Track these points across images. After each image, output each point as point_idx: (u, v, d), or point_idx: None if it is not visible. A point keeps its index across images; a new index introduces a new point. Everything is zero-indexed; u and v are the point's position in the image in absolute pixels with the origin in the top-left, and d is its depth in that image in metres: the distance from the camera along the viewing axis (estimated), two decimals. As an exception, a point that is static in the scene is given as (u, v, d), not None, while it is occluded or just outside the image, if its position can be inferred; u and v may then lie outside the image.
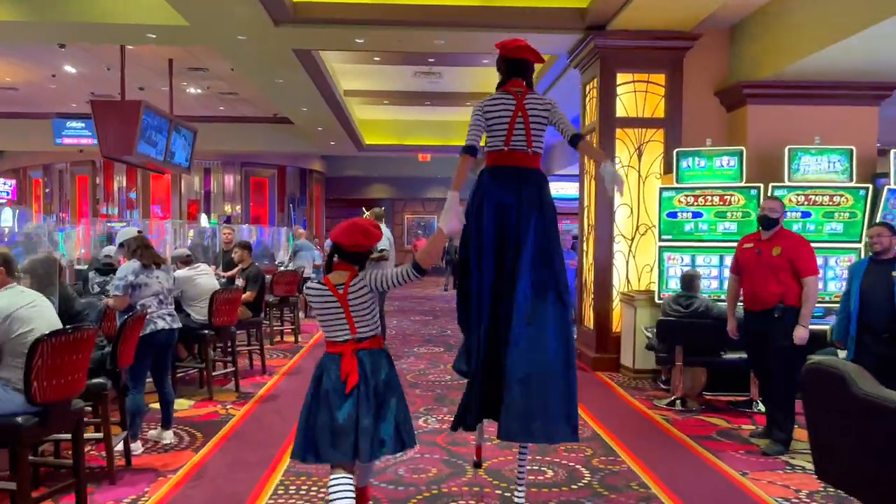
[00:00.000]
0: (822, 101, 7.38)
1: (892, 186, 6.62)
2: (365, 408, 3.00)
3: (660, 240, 7.14)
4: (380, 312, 3.29)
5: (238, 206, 19.42)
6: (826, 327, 6.09)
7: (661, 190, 7.13)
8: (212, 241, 9.61)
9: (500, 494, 4.05)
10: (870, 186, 6.70)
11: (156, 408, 5.18)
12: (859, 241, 6.65)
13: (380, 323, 3.22)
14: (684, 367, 6.16)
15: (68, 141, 15.95)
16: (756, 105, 7.46)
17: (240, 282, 7.49)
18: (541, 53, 3.66)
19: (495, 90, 3.53)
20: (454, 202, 3.23)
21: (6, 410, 3.29)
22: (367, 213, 7.33)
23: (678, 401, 6.19)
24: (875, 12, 5.56)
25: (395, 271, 3.09)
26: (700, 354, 6.11)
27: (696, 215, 7.01)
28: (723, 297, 6.11)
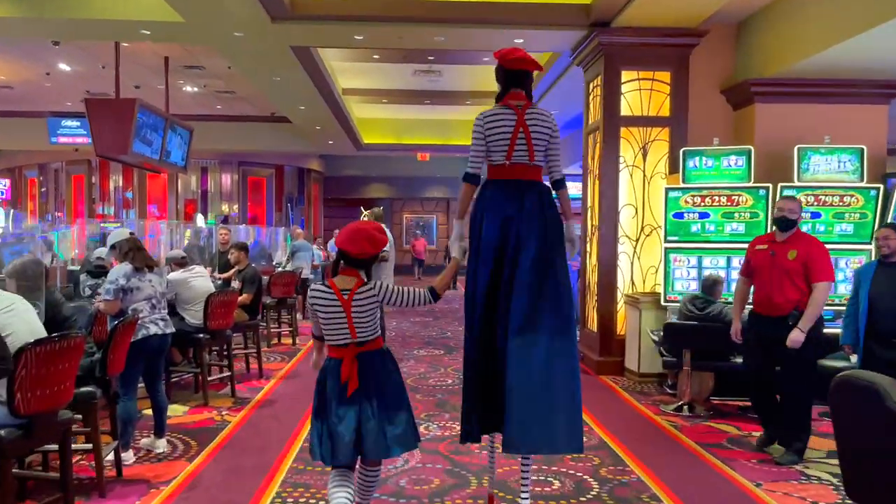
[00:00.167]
0: (831, 100, 7.23)
1: (904, 186, 6.49)
2: (369, 410, 3.04)
3: (665, 241, 6.99)
4: (380, 314, 3.31)
5: (235, 206, 19.26)
6: (839, 331, 5.93)
7: (667, 190, 6.98)
8: (208, 242, 9.43)
9: (506, 507, 3.91)
10: (881, 186, 6.56)
11: (149, 414, 5.02)
12: (870, 243, 6.50)
13: (380, 325, 3.23)
14: (692, 371, 6.02)
15: (63, 140, 15.83)
16: (764, 103, 7.31)
17: (236, 284, 7.33)
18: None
19: (495, 102, 3.51)
20: (462, 231, 3.43)
21: (-12, 422, 3.14)
22: (366, 213, 7.16)
23: (686, 406, 6.04)
24: (885, 9, 5.43)
25: (409, 292, 3.17)
26: (708, 358, 5.96)
27: (703, 216, 6.86)
28: (731, 300, 5.95)
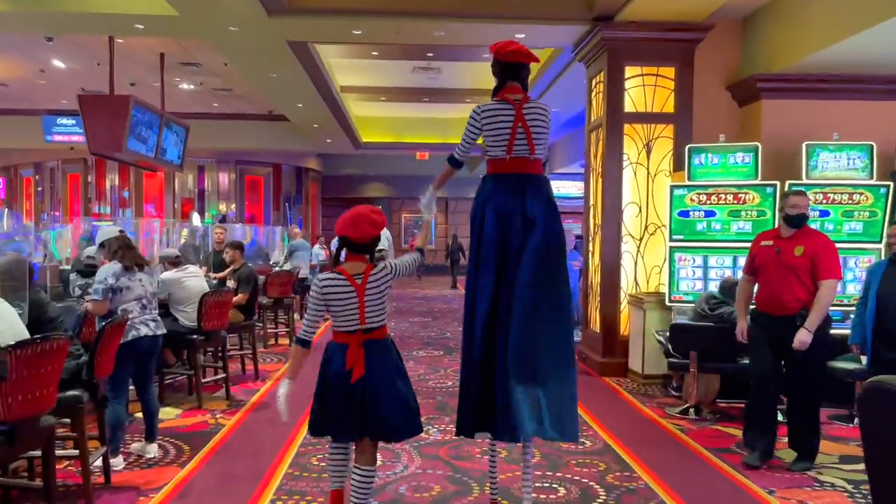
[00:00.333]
0: (839, 96, 7.08)
1: (914, 184, 6.34)
2: (372, 400, 3.06)
3: (670, 240, 6.84)
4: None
5: (233, 206, 19.09)
6: (848, 332, 5.79)
7: (672, 188, 6.82)
8: (203, 241, 9.28)
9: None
10: (890, 184, 6.41)
11: (141, 417, 4.85)
12: (880, 241, 6.36)
13: (386, 314, 3.30)
14: (698, 373, 5.87)
15: (59, 138, 15.70)
16: (770, 99, 7.16)
17: (231, 283, 7.17)
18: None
19: (492, 96, 3.50)
20: (430, 197, 3.74)
21: (-34, 429, 2.98)
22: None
23: (692, 409, 5.89)
24: (894, 3, 5.28)
25: (408, 259, 3.36)
26: (715, 360, 5.80)
27: (709, 214, 6.71)
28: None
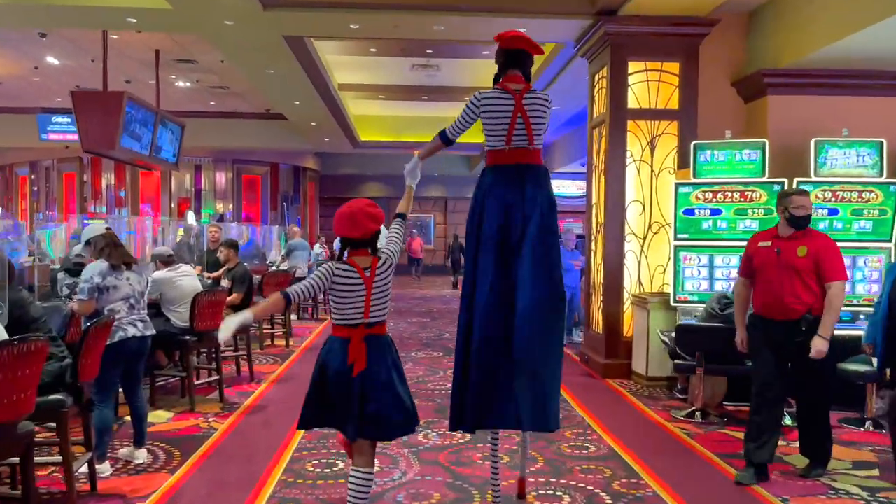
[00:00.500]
0: (848, 91, 6.91)
1: (925, 182, 6.18)
2: (371, 394, 3.02)
3: (675, 239, 6.67)
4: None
5: (230, 205, 18.91)
6: (860, 332, 5.63)
7: (677, 185, 6.66)
8: (198, 240, 9.11)
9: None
10: (901, 182, 6.26)
11: (130, 420, 4.69)
12: (890, 241, 6.21)
13: (388, 310, 3.28)
14: (704, 375, 5.72)
15: (54, 136, 15.51)
16: (777, 95, 7.00)
17: (225, 283, 7.00)
18: (544, 42, 3.44)
19: (493, 83, 3.46)
20: (414, 165, 3.62)
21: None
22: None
23: (698, 412, 5.73)
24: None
25: (394, 235, 3.32)
26: (722, 362, 5.64)
27: (715, 212, 6.54)
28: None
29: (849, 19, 5.89)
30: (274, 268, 10.99)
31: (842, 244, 6.12)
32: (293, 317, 10.98)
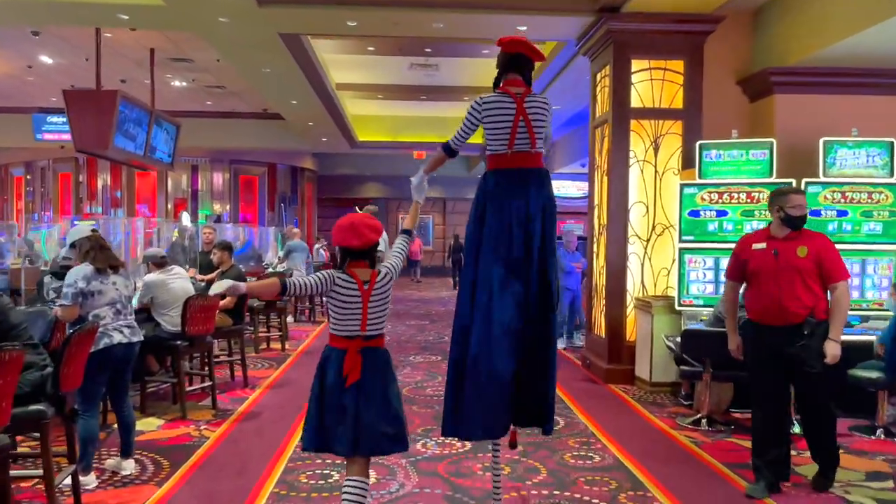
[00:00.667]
0: (857, 90, 6.77)
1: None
2: (365, 405, 3.00)
3: (680, 241, 6.52)
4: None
5: (227, 206, 18.74)
6: (872, 337, 5.48)
7: (682, 186, 6.51)
8: (192, 242, 8.94)
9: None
10: (911, 183, 6.11)
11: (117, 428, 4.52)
12: (900, 243, 6.06)
13: (385, 324, 3.25)
14: (711, 381, 5.55)
15: (49, 136, 15.36)
16: (784, 94, 6.85)
17: (219, 286, 6.82)
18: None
19: (493, 87, 3.45)
20: (420, 180, 3.53)
21: None
22: (361, 213, 6.69)
23: (704, 419, 5.57)
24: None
25: (397, 251, 3.30)
26: (729, 368, 5.47)
27: (721, 214, 6.39)
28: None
29: (859, 16, 5.75)
30: (270, 269, 10.81)
31: (851, 246, 6.06)
32: (290, 319, 10.82)
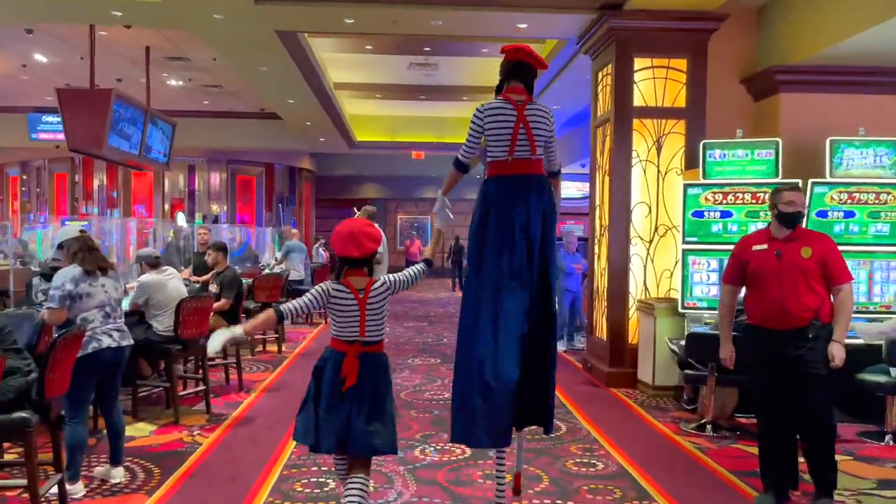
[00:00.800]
0: (864, 89, 6.65)
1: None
2: (357, 408, 3.06)
3: (684, 242, 6.40)
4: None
5: (225, 206, 18.60)
6: (881, 342, 5.36)
7: (686, 186, 6.39)
8: (188, 242, 8.80)
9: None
10: (920, 183, 5.99)
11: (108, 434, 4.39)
12: (907, 245, 5.95)
13: (384, 329, 3.31)
14: (716, 385, 5.43)
15: (44, 136, 15.22)
16: (789, 93, 6.73)
17: (214, 288, 6.70)
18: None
19: (495, 94, 3.51)
20: (442, 204, 3.57)
21: None
22: (359, 213, 6.57)
23: (709, 425, 5.45)
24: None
25: (410, 272, 3.30)
26: (734, 372, 5.34)
27: (725, 215, 6.28)
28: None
29: (865, 13, 5.63)
30: (267, 270, 10.68)
31: (858, 248, 5.94)
32: (287, 321, 10.69)
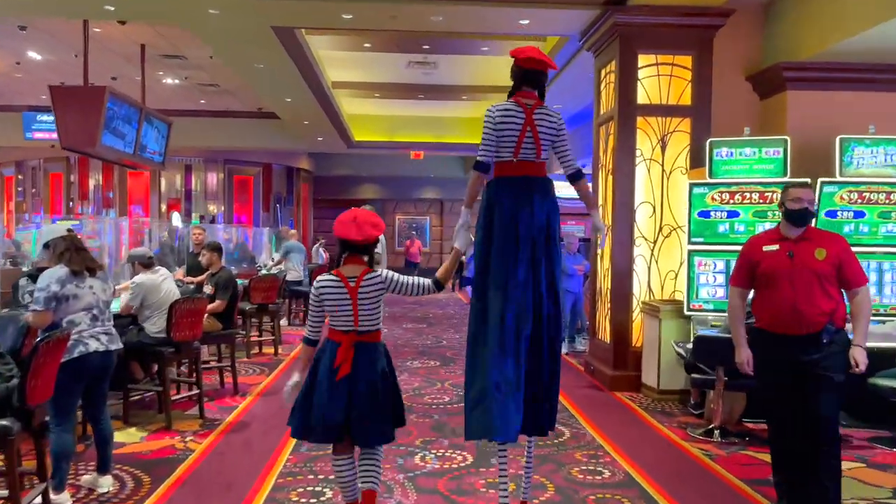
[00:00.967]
0: (874, 86, 6.52)
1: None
2: (356, 398, 3.09)
3: (689, 242, 6.26)
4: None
5: (222, 206, 18.42)
6: (891, 345, 5.22)
7: (692, 186, 6.24)
8: (182, 242, 8.63)
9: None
10: (931, 183, 5.85)
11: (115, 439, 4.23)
12: (919, 246, 5.81)
13: (381, 319, 3.31)
14: (724, 390, 5.29)
15: (39, 135, 15.06)
16: (797, 90, 6.59)
17: (208, 289, 6.54)
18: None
19: (507, 97, 3.53)
20: (466, 219, 3.44)
21: None
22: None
23: (717, 430, 5.30)
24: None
25: (415, 281, 3.29)
26: (744, 376, 5.19)
27: (732, 214, 6.13)
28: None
29: (875, 8, 5.50)
30: (264, 271, 10.51)
31: (868, 249, 5.80)
32: (283, 322, 10.54)
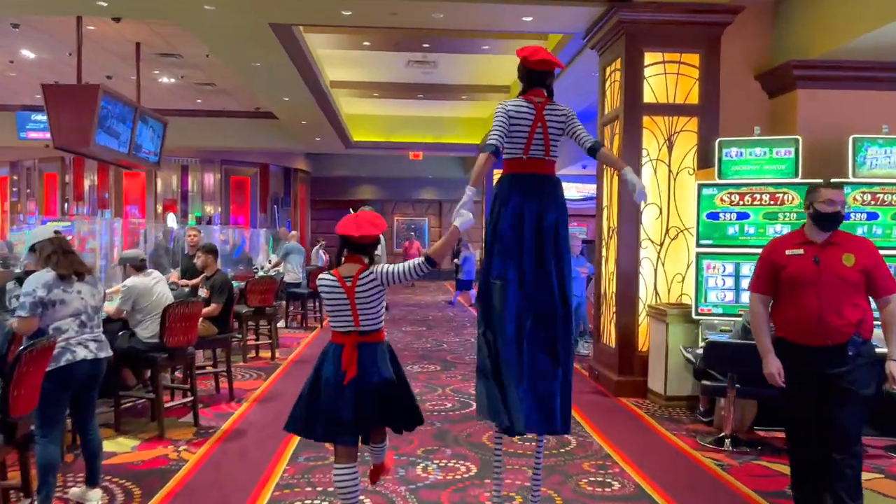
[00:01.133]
0: (887, 85, 6.36)
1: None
2: (364, 399, 3.07)
3: (698, 245, 6.10)
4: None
5: (219, 207, 18.23)
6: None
7: (700, 186, 6.08)
8: (177, 244, 8.46)
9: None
10: (946, 184, 5.69)
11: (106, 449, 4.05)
12: (934, 248, 5.65)
13: (383, 315, 3.28)
14: (736, 398, 5.13)
15: (33, 135, 14.90)
16: (808, 89, 6.43)
17: (203, 292, 6.37)
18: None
19: (517, 96, 3.54)
20: (470, 198, 3.30)
21: None
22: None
23: (728, 439, 5.14)
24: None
25: (405, 265, 3.20)
26: (756, 384, 5.03)
27: (742, 216, 5.97)
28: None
29: (889, 5, 5.33)
30: (261, 273, 10.33)
31: (882, 252, 5.60)
32: (280, 324, 10.36)
